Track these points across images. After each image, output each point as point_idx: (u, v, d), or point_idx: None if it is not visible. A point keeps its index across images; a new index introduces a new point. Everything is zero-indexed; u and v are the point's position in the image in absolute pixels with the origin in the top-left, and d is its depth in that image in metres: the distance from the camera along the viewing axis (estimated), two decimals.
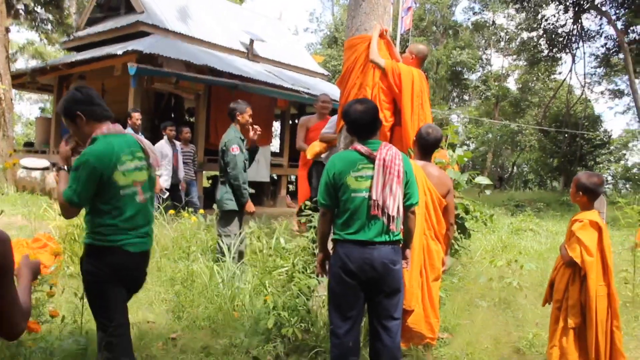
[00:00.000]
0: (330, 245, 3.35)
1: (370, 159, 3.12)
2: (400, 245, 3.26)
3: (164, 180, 8.31)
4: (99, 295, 2.88)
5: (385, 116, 4.94)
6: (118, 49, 10.60)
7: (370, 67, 4.90)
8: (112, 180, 2.80)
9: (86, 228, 2.90)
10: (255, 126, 5.69)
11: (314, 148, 6.69)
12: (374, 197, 3.06)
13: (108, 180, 2.79)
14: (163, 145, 8.46)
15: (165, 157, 8.40)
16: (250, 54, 14.76)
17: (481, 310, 5.22)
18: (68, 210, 2.79)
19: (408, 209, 3.24)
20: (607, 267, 3.65)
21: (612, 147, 31.83)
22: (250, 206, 5.64)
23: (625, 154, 36.81)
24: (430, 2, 34.96)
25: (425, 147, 4.23)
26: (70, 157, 2.90)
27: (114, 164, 2.82)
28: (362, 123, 3.21)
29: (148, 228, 3.03)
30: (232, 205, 5.57)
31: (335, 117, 6.71)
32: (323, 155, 6.61)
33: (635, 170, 34.60)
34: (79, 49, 14.40)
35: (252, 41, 14.82)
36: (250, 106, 5.72)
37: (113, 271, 2.88)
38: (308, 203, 5.91)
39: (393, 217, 3.08)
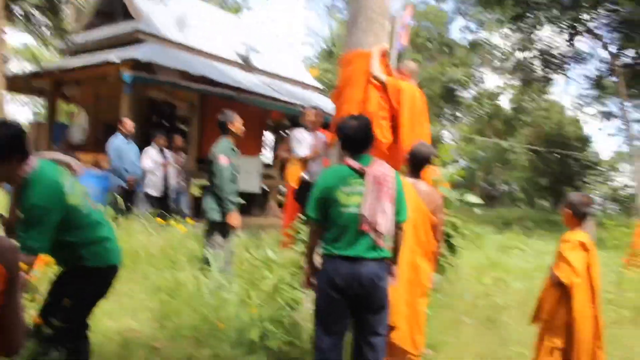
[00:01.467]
0: (318, 259, 3.36)
1: (362, 175, 3.13)
2: (387, 261, 3.28)
3: (152, 184, 8.37)
4: (87, 303, 2.94)
5: (384, 134, 4.92)
6: (114, 56, 10.58)
7: (365, 82, 4.89)
8: (72, 208, 2.66)
9: (67, 260, 2.82)
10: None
11: (295, 175, 6.74)
12: (364, 213, 3.07)
13: (70, 210, 2.65)
14: (150, 150, 8.51)
15: (154, 163, 8.47)
16: (246, 65, 14.78)
17: (466, 327, 5.22)
18: (32, 261, 2.56)
19: (396, 225, 3.25)
20: (594, 288, 3.68)
21: (601, 169, 32.05)
22: (233, 219, 5.48)
23: (613, 176, 36.99)
24: (427, 19, 35.14)
25: (416, 164, 4.24)
26: None
27: (64, 194, 2.62)
28: (356, 139, 3.23)
29: (113, 235, 3.00)
30: (215, 215, 5.49)
31: (298, 134, 6.91)
32: (306, 176, 6.62)
33: (623, 191, 34.74)
34: (75, 54, 14.37)
35: (248, 52, 14.85)
36: (238, 115, 5.67)
37: (107, 287, 2.97)
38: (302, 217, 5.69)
39: (381, 233, 3.10)
